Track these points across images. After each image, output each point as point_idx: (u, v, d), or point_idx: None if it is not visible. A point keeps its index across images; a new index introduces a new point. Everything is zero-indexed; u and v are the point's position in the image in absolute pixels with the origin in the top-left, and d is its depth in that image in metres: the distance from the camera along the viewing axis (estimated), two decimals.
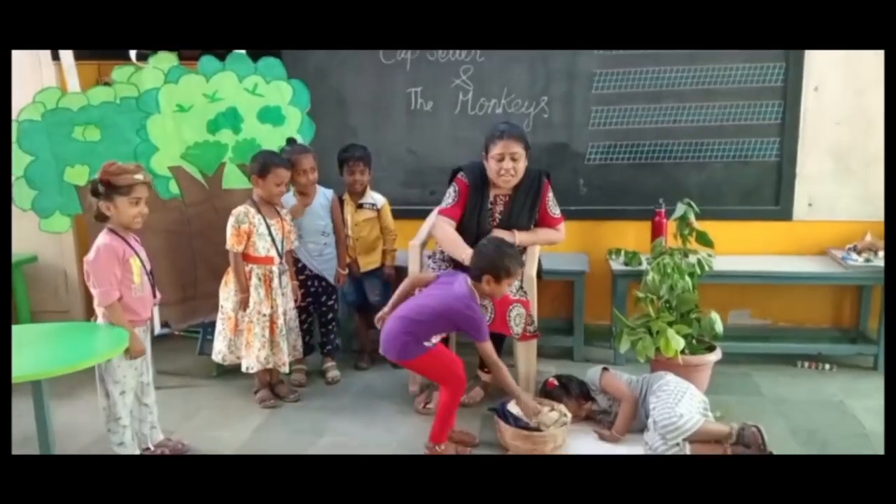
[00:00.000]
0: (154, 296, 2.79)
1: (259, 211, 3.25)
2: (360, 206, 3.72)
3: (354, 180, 3.67)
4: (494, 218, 3.29)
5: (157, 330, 2.85)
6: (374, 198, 3.76)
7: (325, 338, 3.74)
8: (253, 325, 3.23)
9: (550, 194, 3.34)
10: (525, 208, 3.28)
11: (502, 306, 3.10)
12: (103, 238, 2.60)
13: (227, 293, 3.28)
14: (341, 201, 3.71)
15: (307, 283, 3.62)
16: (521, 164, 3.19)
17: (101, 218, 2.62)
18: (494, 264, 2.78)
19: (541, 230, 3.34)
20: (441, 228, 3.24)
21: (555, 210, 3.35)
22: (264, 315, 3.25)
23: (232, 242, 3.21)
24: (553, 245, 3.43)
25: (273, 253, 3.26)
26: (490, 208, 3.29)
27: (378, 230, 3.77)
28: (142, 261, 2.70)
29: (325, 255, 3.63)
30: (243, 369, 3.27)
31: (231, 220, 3.21)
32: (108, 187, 2.56)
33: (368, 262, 3.77)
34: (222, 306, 3.30)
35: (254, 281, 3.24)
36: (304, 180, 3.45)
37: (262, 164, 3.22)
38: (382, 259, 3.80)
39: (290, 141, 3.56)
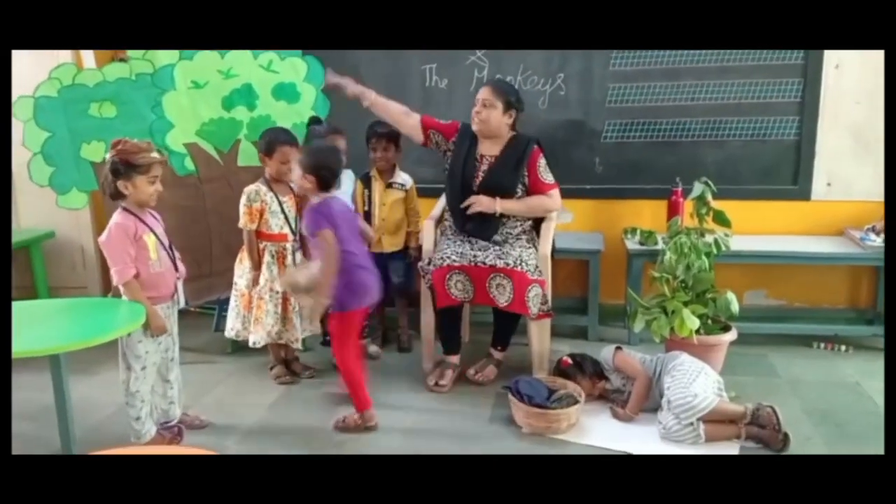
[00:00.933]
0: (176, 270, 2.77)
1: (271, 188, 3.25)
2: (389, 186, 3.69)
3: (377, 157, 3.64)
4: (478, 175, 3.31)
5: (182, 304, 2.85)
6: (403, 178, 3.71)
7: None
8: (263, 301, 3.24)
9: (542, 161, 3.33)
10: (508, 170, 3.29)
11: (521, 286, 3.10)
12: (116, 217, 2.61)
13: (242, 270, 3.29)
14: (368, 180, 3.68)
15: None
16: (494, 114, 3.25)
17: (117, 196, 2.61)
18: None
19: (530, 198, 3.33)
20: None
21: (546, 176, 3.33)
22: (276, 292, 3.25)
23: (245, 220, 3.21)
24: (547, 212, 3.40)
25: (286, 230, 3.26)
26: (476, 164, 3.32)
27: (403, 211, 3.73)
28: (158, 237, 2.69)
29: None
30: (250, 344, 3.28)
31: (243, 199, 3.22)
32: (126, 166, 2.55)
33: (392, 244, 3.72)
34: (236, 283, 3.31)
35: (266, 258, 3.25)
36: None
37: (268, 143, 3.23)
38: (406, 241, 3.75)
39: (315, 120, 3.54)
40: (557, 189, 3.36)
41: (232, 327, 3.33)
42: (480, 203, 3.25)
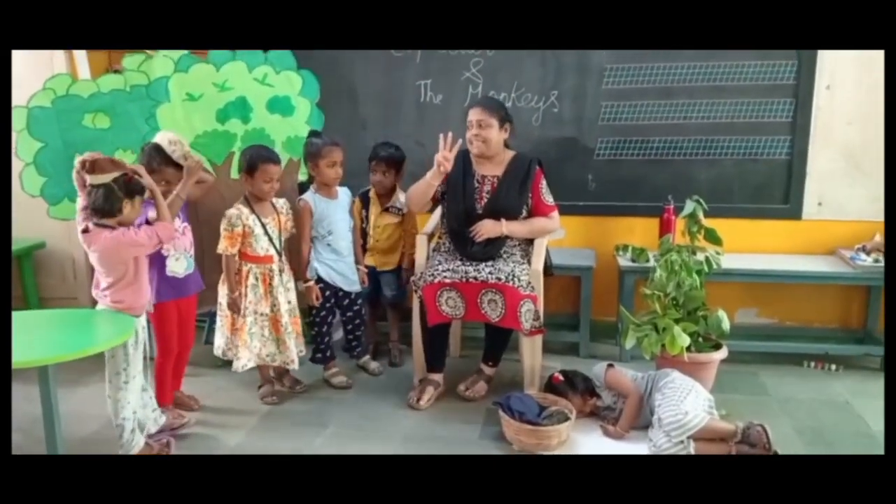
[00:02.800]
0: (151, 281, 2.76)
1: (252, 210, 3.17)
2: (386, 210, 3.67)
3: (375, 180, 3.64)
4: (482, 197, 3.30)
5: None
6: (402, 202, 3.65)
7: (356, 341, 3.65)
8: (246, 324, 3.18)
9: (544, 182, 3.34)
10: (513, 191, 3.28)
11: (513, 301, 3.10)
12: (104, 242, 2.58)
13: (223, 292, 3.24)
14: (367, 199, 3.67)
15: (327, 291, 3.49)
16: (492, 134, 3.23)
17: (111, 215, 2.58)
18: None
19: (533, 219, 3.34)
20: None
21: (548, 198, 3.35)
22: (262, 314, 3.21)
23: (224, 245, 3.11)
24: (548, 234, 3.40)
25: (272, 251, 3.20)
26: (477, 187, 3.29)
27: (399, 235, 3.70)
28: None
29: (349, 257, 3.54)
30: (235, 368, 3.20)
31: (224, 223, 3.11)
32: (129, 188, 2.57)
33: (385, 263, 3.72)
34: (220, 303, 3.27)
35: (251, 280, 3.18)
36: (334, 174, 3.37)
37: (250, 161, 3.13)
38: (400, 260, 3.73)
39: (314, 133, 3.54)
40: (557, 210, 3.38)
41: (218, 345, 3.28)
42: (486, 230, 3.23)
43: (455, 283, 3.16)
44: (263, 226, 3.18)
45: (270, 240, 3.20)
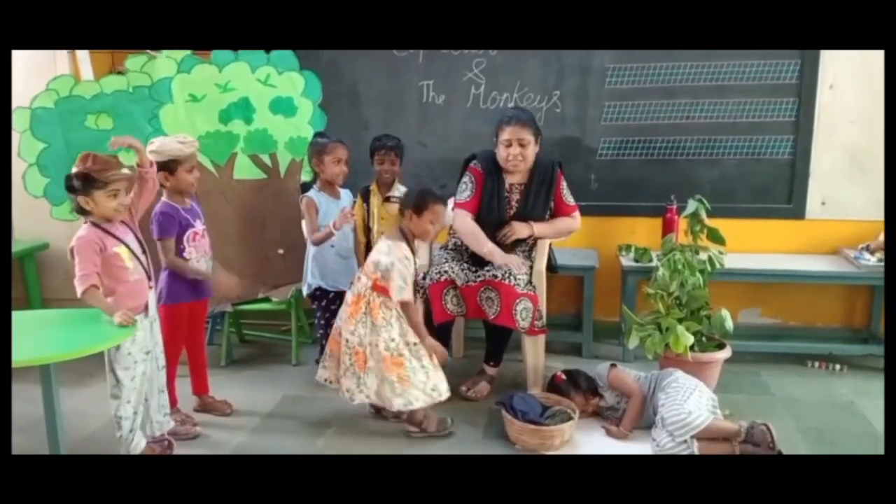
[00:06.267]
0: (149, 279, 2.71)
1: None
2: (387, 200, 3.67)
3: (384, 169, 3.63)
4: (511, 206, 3.29)
5: (153, 313, 2.83)
6: (402, 191, 3.64)
7: None
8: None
9: (564, 183, 3.35)
10: (540, 197, 3.28)
11: (508, 299, 3.10)
12: (81, 231, 2.55)
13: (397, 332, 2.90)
14: (367, 194, 3.68)
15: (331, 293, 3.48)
16: (530, 150, 3.20)
17: (82, 212, 2.54)
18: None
19: (558, 220, 3.34)
20: (462, 221, 3.24)
21: (569, 198, 3.36)
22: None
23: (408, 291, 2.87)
24: (571, 234, 3.42)
25: None
26: (507, 196, 3.29)
27: None
28: (129, 246, 2.62)
29: (350, 258, 3.55)
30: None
31: (399, 272, 2.83)
32: (83, 182, 2.48)
33: None
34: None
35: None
36: (339, 171, 3.39)
37: (422, 200, 2.90)
38: None
39: (321, 133, 3.54)
40: (578, 210, 3.38)
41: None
42: (517, 231, 3.22)
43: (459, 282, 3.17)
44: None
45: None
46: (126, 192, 2.58)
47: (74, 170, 2.49)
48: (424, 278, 3.26)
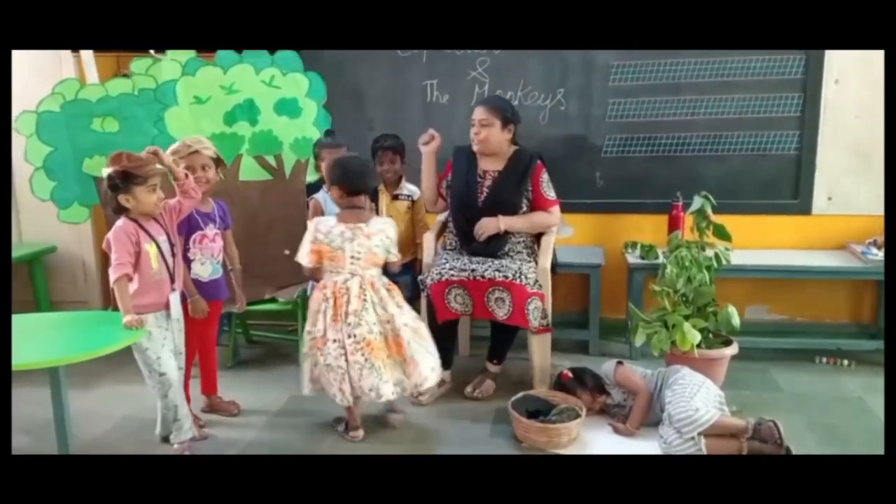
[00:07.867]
0: (172, 282, 2.73)
1: None
2: (395, 198, 3.68)
3: (385, 169, 3.64)
4: (482, 192, 3.33)
5: (175, 315, 2.82)
6: (410, 188, 3.71)
7: None
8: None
9: (544, 176, 3.36)
10: (512, 185, 3.31)
11: (521, 299, 3.10)
12: (119, 222, 2.60)
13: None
14: (375, 193, 3.68)
15: None
16: (494, 132, 3.28)
17: (120, 210, 2.59)
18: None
19: (533, 214, 3.35)
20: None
21: (548, 192, 3.36)
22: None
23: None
24: (549, 228, 3.41)
25: None
26: (479, 182, 3.34)
27: (411, 222, 3.70)
28: (160, 246, 2.65)
29: None
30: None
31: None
32: (124, 179, 2.53)
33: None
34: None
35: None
36: None
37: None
38: (414, 252, 3.71)
39: (328, 132, 3.55)
40: (558, 206, 3.38)
41: None
42: (485, 228, 3.26)
43: (463, 280, 3.17)
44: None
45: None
46: (161, 187, 2.63)
47: (111, 169, 2.54)
48: (428, 277, 3.26)
